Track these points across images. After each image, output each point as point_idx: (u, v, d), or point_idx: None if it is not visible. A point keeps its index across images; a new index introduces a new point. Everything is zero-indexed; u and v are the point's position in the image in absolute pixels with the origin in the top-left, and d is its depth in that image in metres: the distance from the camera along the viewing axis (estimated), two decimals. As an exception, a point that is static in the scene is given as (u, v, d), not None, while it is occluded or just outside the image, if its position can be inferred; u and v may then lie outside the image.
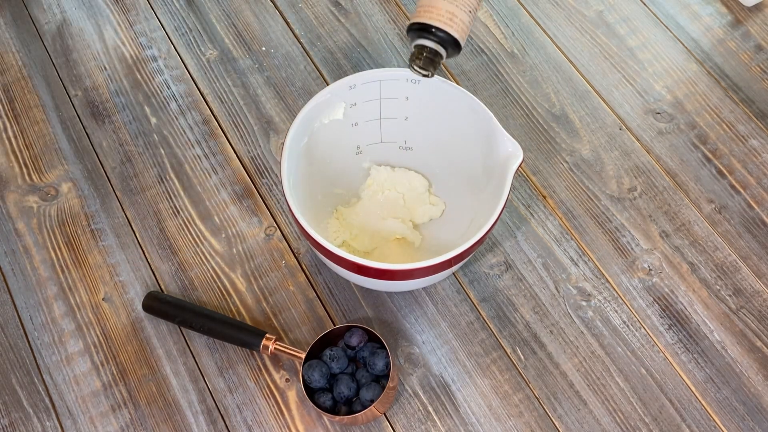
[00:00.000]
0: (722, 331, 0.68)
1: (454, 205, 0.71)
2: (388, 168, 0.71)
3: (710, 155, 0.76)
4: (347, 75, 0.80)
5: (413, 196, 0.71)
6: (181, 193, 0.73)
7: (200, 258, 0.70)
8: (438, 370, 0.66)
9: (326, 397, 0.62)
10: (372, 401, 0.61)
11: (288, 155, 0.61)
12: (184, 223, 0.72)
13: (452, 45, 0.59)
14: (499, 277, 0.70)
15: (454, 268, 0.63)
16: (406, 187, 0.71)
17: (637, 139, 0.77)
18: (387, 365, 0.62)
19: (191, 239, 0.71)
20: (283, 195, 0.60)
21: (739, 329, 0.68)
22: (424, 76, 0.60)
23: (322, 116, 0.65)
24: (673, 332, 0.67)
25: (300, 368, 0.63)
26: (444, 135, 0.68)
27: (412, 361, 0.66)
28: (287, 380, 0.65)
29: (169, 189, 0.74)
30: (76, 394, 0.65)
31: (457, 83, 0.80)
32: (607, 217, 0.73)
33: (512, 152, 0.61)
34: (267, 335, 0.64)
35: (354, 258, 0.57)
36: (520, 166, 0.61)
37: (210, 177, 0.74)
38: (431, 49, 0.59)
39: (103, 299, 0.68)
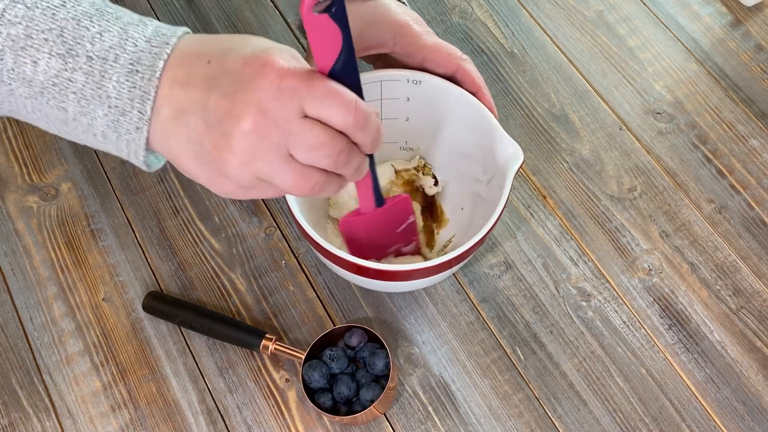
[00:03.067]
0: (722, 331, 0.68)
1: (454, 206, 0.71)
2: (391, 166, 0.71)
3: (710, 155, 0.76)
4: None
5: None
6: (181, 192, 0.73)
7: (200, 258, 0.70)
8: (438, 370, 0.66)
9: (326, 397, 0.62)
10: (372, 401, 0.61)
11: None
12: (184, 223, 0.72)
13: None
14: (499, 277, 0.70)
15: (455, 268, 0.62)
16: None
17: (637, 139, 0.77)
18: (387, 365, 0.62)
19: (191, 239, 0.71)
20: (287, 207, 0.60)
21: (739, 329, 0.68)
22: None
23: None
24: (673, 332, 0.67)
25: (300, 368, 0.63)
26: (444, 136, 0.68)
27: (412, 361, 0.66)
28: (287, 380, 0.65)
29: (168, 189, 0.74)
30: (76, 394, 0.65)
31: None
32: (607, 217, 0.73)
33: (512, 154, 0.61)
34: (267, 335, 0.64)
35: (353, 259, 0.57)
36: (520, 167, 0.61)
37: (210, 177, 0.74)
38: None
39: (103, 299, 0.68)
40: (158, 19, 0.83)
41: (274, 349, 0.64)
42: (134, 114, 0.44)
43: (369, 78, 0.64)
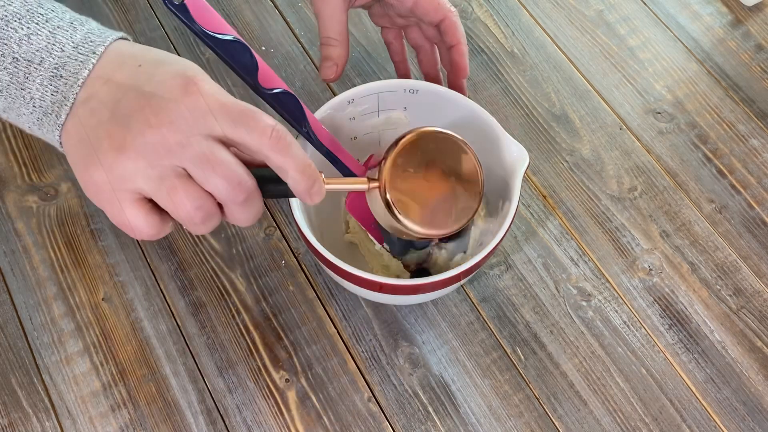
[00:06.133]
0: (722, 331, 0.68)
1: None
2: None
3: (710, 155, 0.76)
4: (347, 75, 0.80)
5: None
6: (181, 192, 0.73)
7: (199, 258, 0.70)
8: (438, 370, 0.66)
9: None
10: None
11: None
12: (184, 223, 0.72)
13: None
14: (499, 277, 0.70)
15: (464, 280, 0.62)
16: None
17: (638, 139, 0.77)
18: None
19: (190, 239, 0.71)
20: (295, 223, 0.59)
21: (739, 329, 0.68)
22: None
23: None
24: (674, 332, 0.67)
25: None
26: None
27: (412, 361, 0.66)
28: (287, 380, 0.65)
29: (168, 189, 0.73)
30: (76, 395, 0.64)
31: (457, 83, 0.80)
32: (607, 217, 0.73)
33: (518, 156, 0.60)
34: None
35: (365, 275, 0.56)
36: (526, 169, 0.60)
37: (210, 177, 0.74)
38: None
39: (102, 299, 0.68)
40: (158, 19, 0.83)
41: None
42: (52, 117, 0.45)
43: (365, 91, 0.64)
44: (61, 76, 0.45)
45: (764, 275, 0.70)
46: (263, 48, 0.82)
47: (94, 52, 0.45)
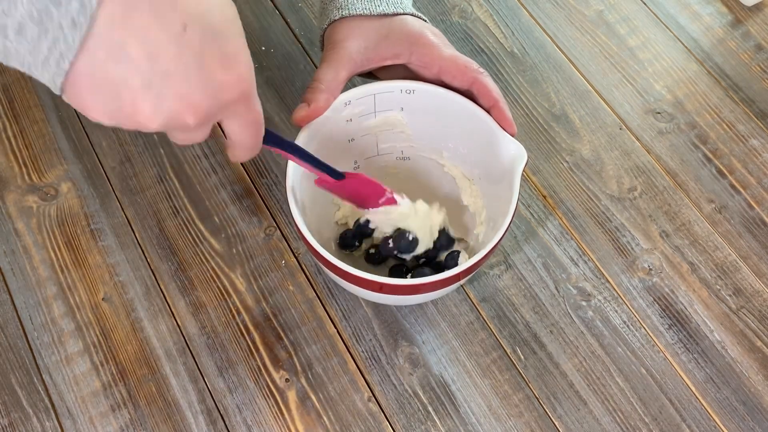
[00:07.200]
0: (722, 331, 0.68)
1: (456, 215, 0.70)
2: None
3: (710, 155, 0.76)
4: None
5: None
6: (181, 192, 0.73)
7: (200, 258, 0.70)
8: (438, 370, 0.66)
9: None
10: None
11: (291, 179, 0.60)
12: (184, 222, 0.72)
13: None
14: (499, 277, 0.70)
15: (464, 280, 0.62)
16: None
17: (637, 139, 0.77)
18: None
19: (191, 239, 0.71)
20: (295, 224, 0.59)
21: (739, 329, 0.68)
22: None
23: (319, 135, 0.64)
24: (673, 332, 0.67)
25: None
26: (441, 143, 0.68)
27: (412, 361, 0.66)
28: (287, 380, 0.65)
29: (168, 189, 0.74)
30: (76, 395, 0.65)
31: (457, 83, 0.80)
32: (607, 217, 0.73)
33: (516, 154, 0.60)
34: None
35: (365, 275, 0.56)
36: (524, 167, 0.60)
37: (210, 177, 0.74)
38: None
39: (102, 299, 0.68)
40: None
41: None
42: (73, 4, 0.34)
43: (362, 92, 0.64)
44: None
45: (764, 275, 0.70)
46: (263, 48, 0.82)
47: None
